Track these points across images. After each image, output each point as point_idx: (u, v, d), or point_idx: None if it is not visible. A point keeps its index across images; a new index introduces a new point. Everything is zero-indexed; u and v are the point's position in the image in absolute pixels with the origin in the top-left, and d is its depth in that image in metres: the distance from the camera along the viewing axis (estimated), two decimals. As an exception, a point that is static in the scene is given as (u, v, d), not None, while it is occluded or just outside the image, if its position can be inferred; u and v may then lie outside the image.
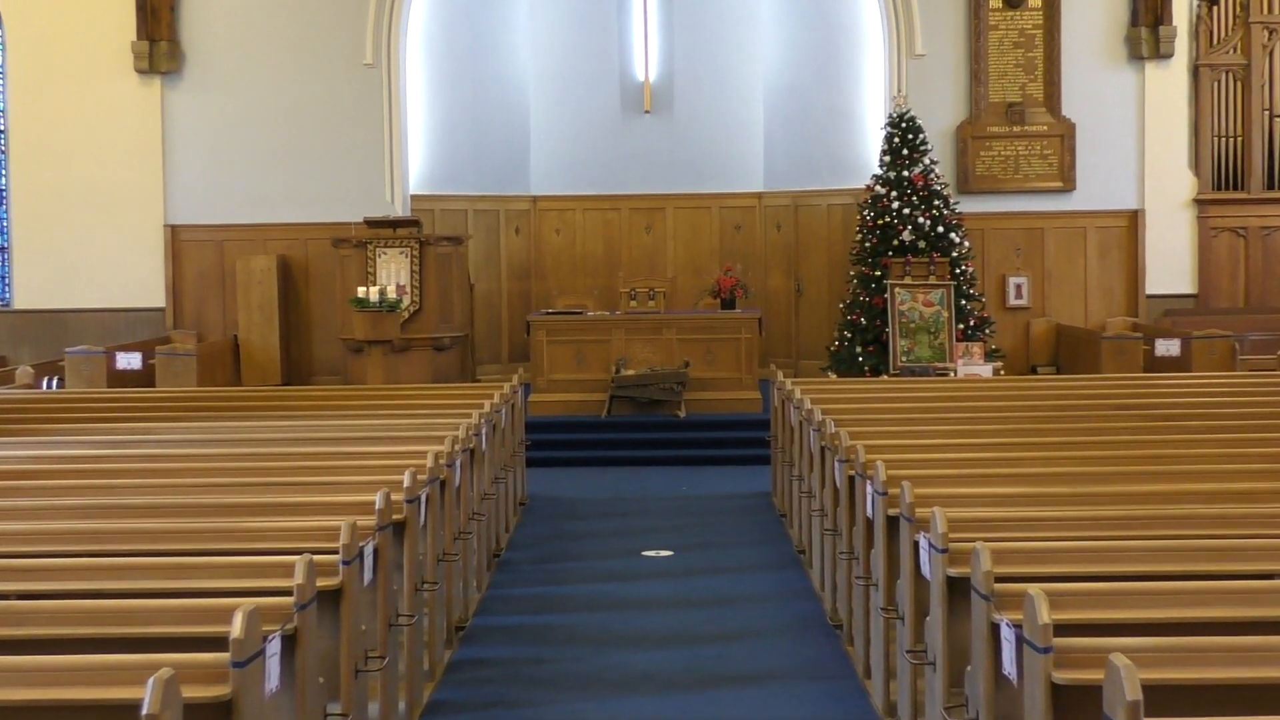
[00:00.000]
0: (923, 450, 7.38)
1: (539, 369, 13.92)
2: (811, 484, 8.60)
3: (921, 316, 13.90)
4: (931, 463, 6.92)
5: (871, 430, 8.04)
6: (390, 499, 5.70)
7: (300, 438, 8.13)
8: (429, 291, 14.13)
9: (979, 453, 7.30)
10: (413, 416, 9.14)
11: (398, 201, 15.42)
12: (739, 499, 11.32)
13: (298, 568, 4.42)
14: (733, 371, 13.90)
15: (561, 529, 10.26)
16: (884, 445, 7.42)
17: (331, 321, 15.18)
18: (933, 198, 14.39)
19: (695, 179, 17.17)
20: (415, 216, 14.79)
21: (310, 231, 15.49)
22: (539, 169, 17.18)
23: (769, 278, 17.07)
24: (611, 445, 13.19)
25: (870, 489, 6.40)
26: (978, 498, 6.02)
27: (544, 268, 17.24)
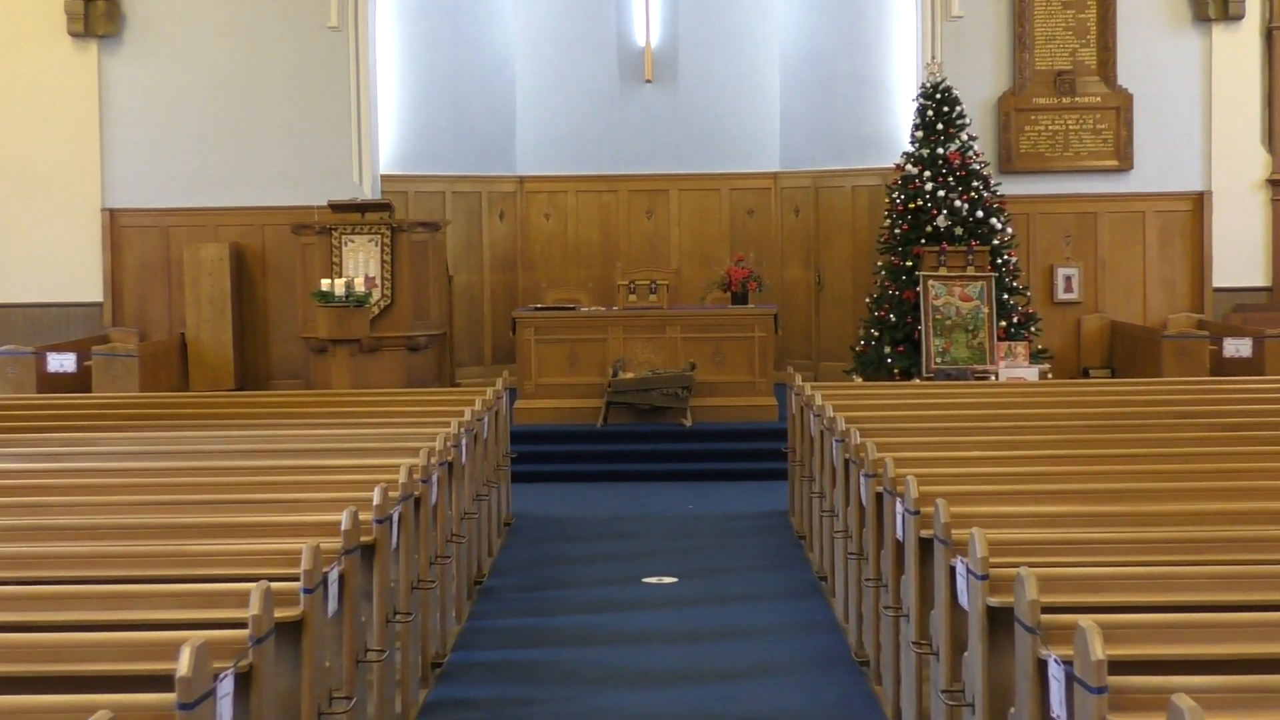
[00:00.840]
0: (960, 464, 7.38)
1: (526, 372, 13.92)
2: (834, 502, 8.60)
3: (958, 312, 13.91)
4: (970, 478, 6.92)
5: (902, 441, 8.04)
6: (358, 518, 5.70)
7: (256, 449, 8.13)
8: (402, 284, 14.13)
9: (1023, 466, 7.30)
10: (383, 425, 9.14)
11: (366, 182, 15.43)
12: (752, 519, 11.32)
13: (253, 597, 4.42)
14: (745, 374, 13.90)
15: (551, 552, 10.25)
16: (916, 458, 7.42)
17: (292, 318, 15.19)
18: (971, 178, 14.40)
19: (703, 157, 17.17)
20: (386, 199, 14.80)
21: (268, 216, 15.50)
22: (526, 146, 17.19)
23: (786, 269, 17.08)
24: (608, 458, 13.19)
25: (900, 507, 6.40)
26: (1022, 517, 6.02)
27: (532, 257, 17.24)
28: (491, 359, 16.86)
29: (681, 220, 17.27)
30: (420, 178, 16.49)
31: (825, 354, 16.73)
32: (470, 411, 9.26)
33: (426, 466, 7.34)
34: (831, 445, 8.60)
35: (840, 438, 8.23)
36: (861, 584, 7.50)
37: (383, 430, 8.89)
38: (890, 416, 9.15)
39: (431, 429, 8.70)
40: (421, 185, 16.52)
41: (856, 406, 9.52)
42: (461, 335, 16.60)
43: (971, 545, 5.09)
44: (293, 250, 14.94)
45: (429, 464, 7.40)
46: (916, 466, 7.10)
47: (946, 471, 7.06)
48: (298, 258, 14.70)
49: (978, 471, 7.10)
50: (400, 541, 6.66)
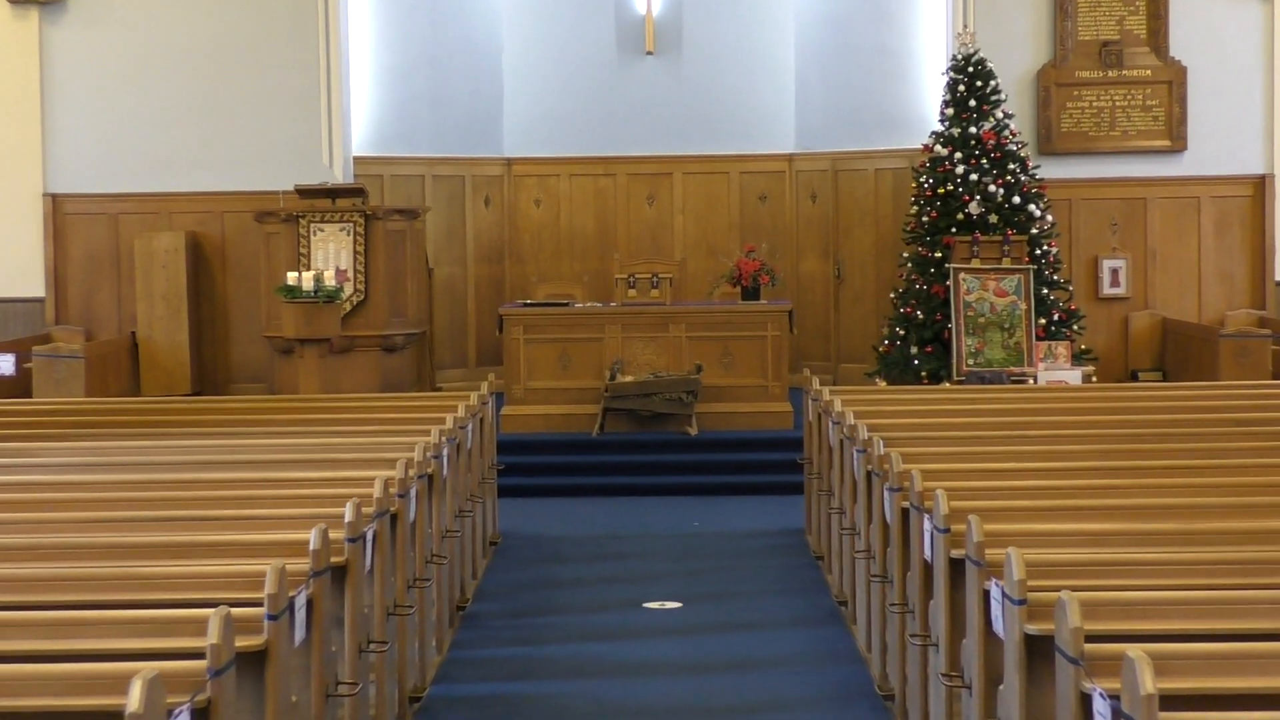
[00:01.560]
0: (995, 477, 7.38)
1: (514, 375, 13.93)
2: (855, 519, 8.60)
3: (993, 309, 13.91)
4: (1005, 492, 6.92)
5: (930, 452, 8.04)
6: (328, 537, 5.70)
7: (215, 461, 8.14)
8: (377, 278, 14.14)
9: (1065, 480, 7.30)
10: (356, 434, 9.14)
11: (337, 165, 15.43)
12: (764, 537, 11.32)
13: (211, 623, 4.42)
14: (756, 378, 13.91)
15: (542, 575, 10.26)
16: (946, 470, 7.42)
17: (255, 315, 15.20)
18: (1007, 160, 14.40)
19: (710, 137, 17.18)
20: (359, 184, 14.80)
21: (228, 203, 15.50)
22: (515, 124, 17.19)
23: (802, 260, 17.08)
24: (605, 470, 13.19)
25: (929, 525, 6.41)
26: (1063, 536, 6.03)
27: (520, 248, 17.24)
28: (476, 361, 16.85)
29: (686, 207, 17.27)
30: (397, 160, 16.49)
31: (845, 355, 16.73)
32: (452, 419, 9.26)
33: (404, 479, 7.35)
34: (852, 456, 8.60)
35: (862, 448, 8.23)
36: (886, 610, 7.50)
37: (355, 439, 8.89)
38: (917, 424, 9.14)
39: (409, 438, 8.70)
40: (398, 168, 16.52)
41: (880, 413, 9.52)
42: (443, 334, 16.60)
43: (1008, 567, 5.09)
44: (256, 240, 14.94)
45: (407, 477, 7.40)
46: (946, 479, 7.10)
47: (980, 485, 7.06)
48: (261, 248, 14.70)
49: (1014, 485, 7.10)
50: (375, 563, 6.66)
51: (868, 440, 8.12)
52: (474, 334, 16.95)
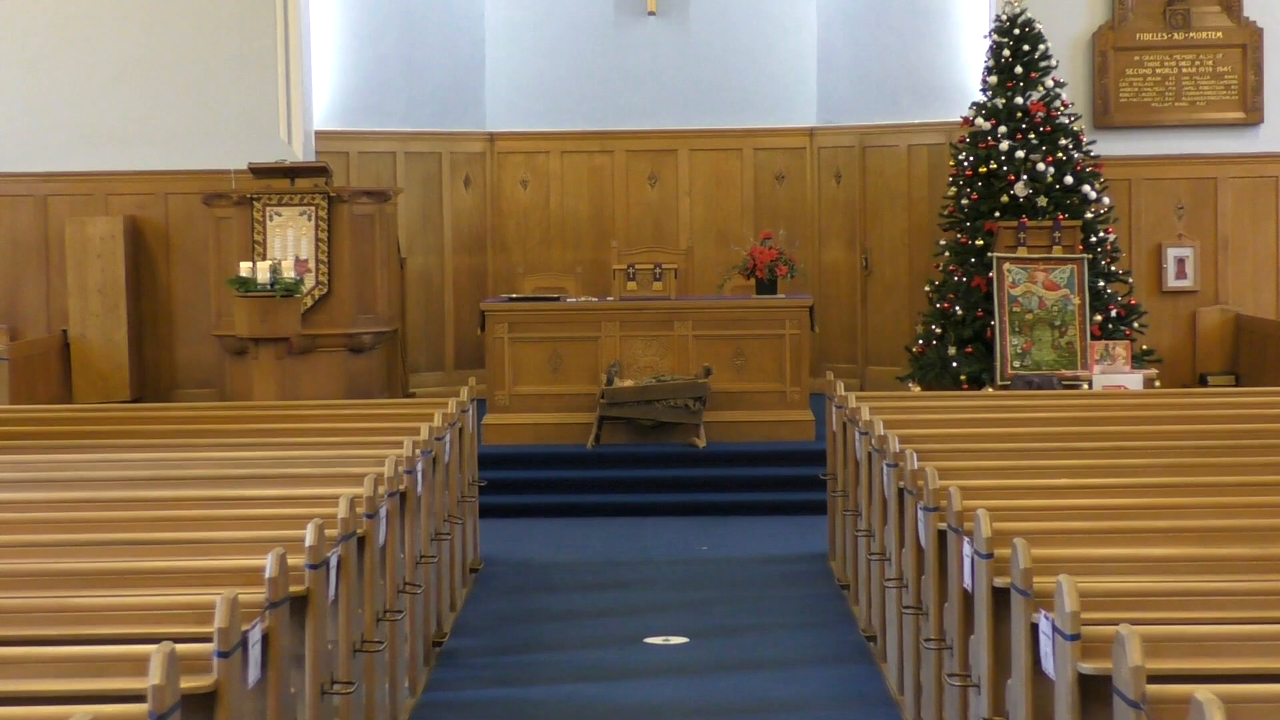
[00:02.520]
0: (1043, 495, 7.38)
1: (498, 379, 13.93)
2: (885, 543, 8.60)
3: (1042, 304, 13.91)
4: (1056, 512, 6.93)
5: (970, 466, 8.04)
6: (286, 563, 5.71)
7: (158, 477, 8.13)
8: (341, 268, 14.14)
9: (1124, 499, 7.30)
10: (319, 446, 9.15)
11: (297, 140, 15.43)
12: (782, 563, 11.32)
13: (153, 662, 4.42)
14: (773, 382, 13.91)
15: (529, 606, 10.26)
16: (988, 488, 7.42)
17: (203, 311, 15.19)
18: (1058, 135, 14.40)
19: (720, 108, 17.18)
20: (322, 162, 14.81)
21: (172, 183, 15.50)
22: (498, 94, 17.19)
23: (824, 249, 17.08)
24: (601, 487, 13.19)
25: (969, 549, 6.41)
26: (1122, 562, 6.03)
27: (505, 235, 17.24)
28: (454, 363, 16.85)
29: (693, 188, 17.27)
30: (365, 135, 16.49)
31: (874, 356, 16.73)
32: (428, 429, 9.26)
33: (373, 498, 7.35)
34: (882, 471, 8.60)
35: (893, 461, 8.23)
36: (920, 646, 7.50)
37: (317, 452, 8.89)
38: (956, 435, 9.14)
39: (379, 450, 8.71)
40: (366, 144, 16.52)
41: (913, 422, 9.51)
42: (417, 333, 16.60)
43: (1059, 597, 5.09)
44: (204, 226, 14.94)
45: (376, 495, 7.41)
46: (989, 498, 7.10)
47: (1026, 504, 7.06)
48: (210, 235, 14.70)
49: (1066, 505, 7.10)
50: (340, 592, 6.66)
51: (899, 453, 8.12)
52: (452, 333, 16.95)
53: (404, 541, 8.32)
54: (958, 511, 6.71)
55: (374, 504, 7.35)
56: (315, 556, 6.18)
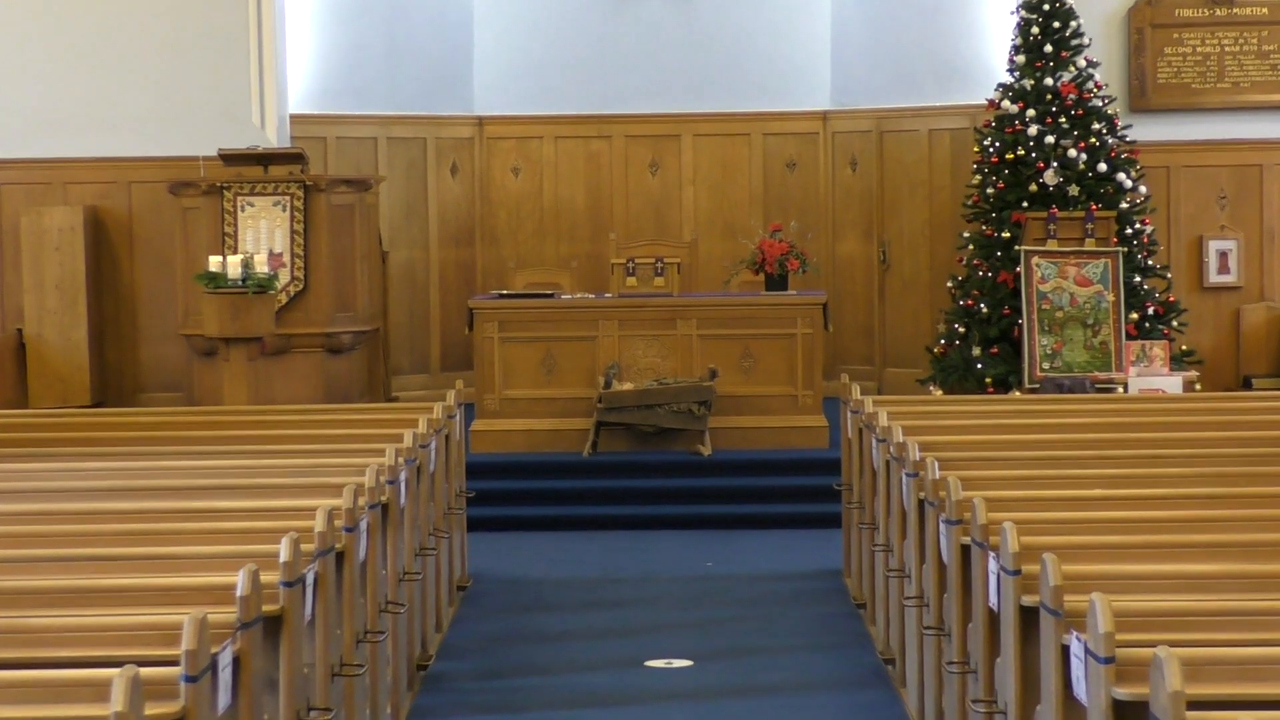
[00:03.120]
0: (1075, 506, 7.38)
1: (488, 382, 13.93)
2: (904, 558, 8.60)
3: (1074, 301, 13.91)
4: (1089, 526, 6.93)
5: (996, 476, 8.04)
6: (259, 581, 5.70)
7: (121, 488, 8.13)
8: (319, 263, 14.14)
9: (1162, 510, 7.30)
10: (294, 455, 9.14)
11: (270, 125, 15.43)
12: (793, 580, 11.32)
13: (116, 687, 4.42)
14: (783, 385, 13.90)
15: (521, 626, 10.26)
16: (1015, 499, 7.42)
17: (170, 309, 15.19)
18: (1091, 118, 14.40)
19: (726, 91, 17.17)
20: (298, 148, 14.81)
21: (135, 170, 15.49)
22: (488, 75, 17.18)
23: (839, 242, 17.07)
24: (598, 498, 13.19)
25: (994, 565, 6.41)
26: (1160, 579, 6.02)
27: (495, 227, 17.24)
28: (441, 365, 16.84)
29: (698, 176, 17.26)
30: (344, 118, 16.48)
31: (892, 357, 16.73)
32: (412, 436, 9.26)
33: (352, 510, 7.35)
34: (901, 481, 8.60)
35: (913, 471, 8.23)
36: (942, 669, 7.50)
37: (293, 461, 8.89)
38: (980, 442, 9.14)
39: (359, 459, 8.70)
40: (346, 129, 16.51)
41: (935, 428, 9.51)
42: (400, 332, 16.59)
43: (1091, 616, 5.09)
44: (170, 217, 14.93)
45: (356, 507, 7.40)
46: (1016, 510, 7.10)
47: (1057, 517, 7.06)
48: (177, 227, 14.69)
49: (1099, 517, 7.10)
50: (317, 611, 6.66)
51: (920, 462, 8.12)
52: (438, 332, 16.94)
53: (386, 557, 8.31)
54: (982, 524, 6.70)
55: (354, 517, 7.35)
56: (290, 573, 6.17)
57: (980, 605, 6.72)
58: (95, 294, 15.39)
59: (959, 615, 7.16)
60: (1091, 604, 5.11)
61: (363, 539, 7.54)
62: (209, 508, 7.54)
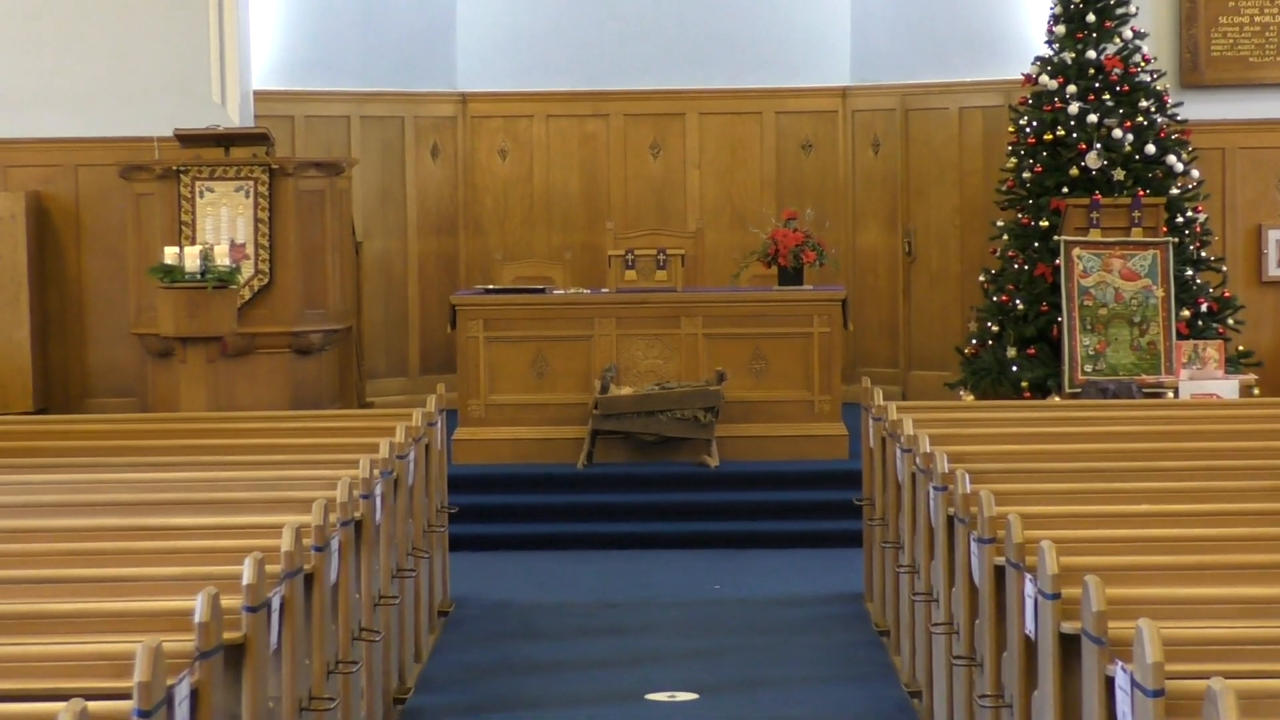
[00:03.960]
0: (1119, 523, 7.38)
1: (472, 386, 13.92)
2: (931, 580, 8.60)
3: (1119, 297, 13.91)
4: (1134, 545, 6.93)
5: (1032, 490, 8.04)
6: (220, 606, 5.70)
7: (69, 503, 8.13)
8: (285, 254, 14.13)
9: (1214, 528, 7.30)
10: (258, 467, 9.14)
11: (232, 102, 15.43)
12: (809, 605, 11.32)
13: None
14: (798, 390, 13.90)
15: (509, 656, 10.26)
16: (1054, 515, 7.43)
17: (121, 305, 15.18)
18: (1138, 95, 14.39)
19: (736, 65, 17.17)
20: (262, 128, 14.80)
21: (82, 153, 15.48)
22: (472, 47, 17.17)
23: (860, 231, 17.07)
24: (594, 514, 13.19)
25: (1031, 588, 6.41)
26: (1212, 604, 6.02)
27: (480, 215, 17.23)
28: (420, 367, 16.84)
29: (704, 159, 17.26)
30: (314, 95, 16.48)
31: (918, 359, 16.72)
32: (388, 445, 9.26)
33: (322, 528, 7.35)
34: (928, 495, 8.60)
35: (941, 484, 8.23)
36: (974, 703, 7.50)
37: (257, 473, 8.89)
38: (1016, 453, 9.14)
39: (330, 471, 8.70)
40: (316, 106, 16.51)
41: (965, 437, 9.52)
42: (376, 331, 16.59)
43: (1138, 645, 5.09)
44: (121, 204, 14.92)
45: (326, 524, 7.40)
46: (1055, 527, 7.11)
47: (1100, 535, 7.06)
48: (129, 215, 14.68)
49: (1147, 535, 7.10)
50: (283, 639, 6.66)
51: (949, 474, 8.12)
52: (417, 331, 16.94)
53: (360, 579, 8.31)
54: (1018, 543, 6.70)
55: (324, 535, 7.35)
56: (254, 597, 6.17)
57: (1016, 632, 6.72)
58: (38, 289, 15.39)
59: (992, 644, 7.15)
60: (1138, 631, 5.11)
61: (334, 559, 7.54)
62: (164, 525, 7.54)
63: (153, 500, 8.16)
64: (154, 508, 8.00)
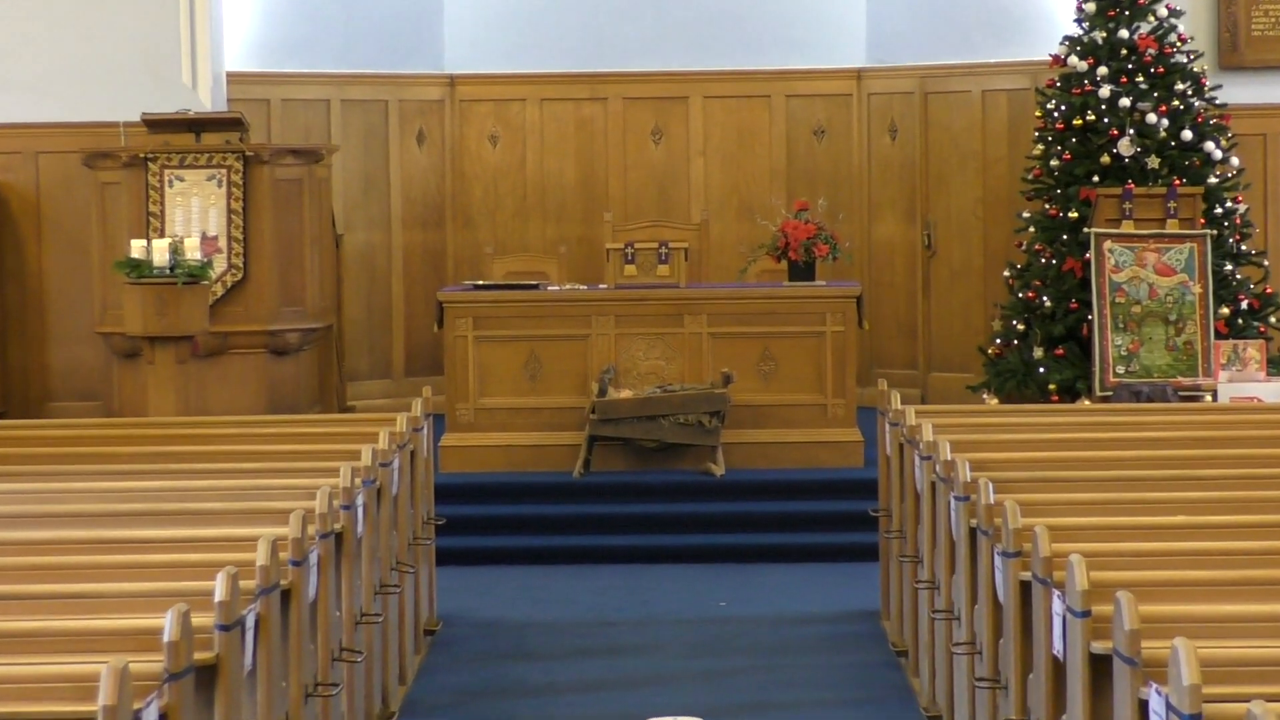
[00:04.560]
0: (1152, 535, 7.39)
1: (460, 389, 13.92)
2: (953, 596, 8.60)
3: (1153, 293, 13.92)
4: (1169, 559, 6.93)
5: (1061, 501, 8.04)
6: (190, 624, 5.70)
7: (29, 514, 8.13)
8: (261, 248, 14.13)
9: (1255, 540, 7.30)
10: (232, 475, 9.15)
11: (203, 85, 15.43)
12: (821, 623, 11.32)
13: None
14: (810, 393, 13.90)
15: (499, 678, 10.26)
16: (1083, 527, 7.42)
17: (84, 302, 15.19)
18: (1173, 77, 14.39)
19: (743, 45, 17.17)
20: (236, 112, 14.80)
21: (42, 139, 15.49)
22: (460, 27, 17.17)
23: (876, 223, 17.07)
24: (591, 526, 13.19)
25: (1060, 605, 6.41)
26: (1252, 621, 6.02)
27: (469, 206, 17.23)
28: (405, 369, 16.84)
29: (709, 146, 17.27)
30: (291, 78, 16.48)
31: (938, 360, 16.73)
32: (371, 452, 9.26)
33: (300, 540, 7.35)
34: (949, 506, 8.60)
35: (963, 494, 8.23)
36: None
37: (231, 483, 8.89)
38: (1042, 460, 9.14)
39: (308, 480, 8.71)
40: (293, 89, 16.51)
41: (989, 444, 9.52)
42: (357, 330, 16.59)
43: (1174, 666, 5.10)
44: (85, 193, 14.92)
45: (304, 537, 7.41)
46: (1084, 540, 7.11)
47: (1133, 549, 7.07)
48: (93, 205, 14.68)
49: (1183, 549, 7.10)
50: (258, 660, 6.66)
51: (971, 483, 8.12)
52: (402, 330, 16.94)
53: (340, 596, 8.32)
54: (1045, 557, 6.71)
55: (302, 548, 7.35)
56: (227, 615, 6.18)
57: (1043, 652, 6.73)
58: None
59: (1017, 664, 7.16)
60: (1174, 651, 5.11)
61: (312, 574, 7.54)
62: (131, 537, 7.54)
63: (119, 511, 8.16)
64: (120, 519, 8.01)
